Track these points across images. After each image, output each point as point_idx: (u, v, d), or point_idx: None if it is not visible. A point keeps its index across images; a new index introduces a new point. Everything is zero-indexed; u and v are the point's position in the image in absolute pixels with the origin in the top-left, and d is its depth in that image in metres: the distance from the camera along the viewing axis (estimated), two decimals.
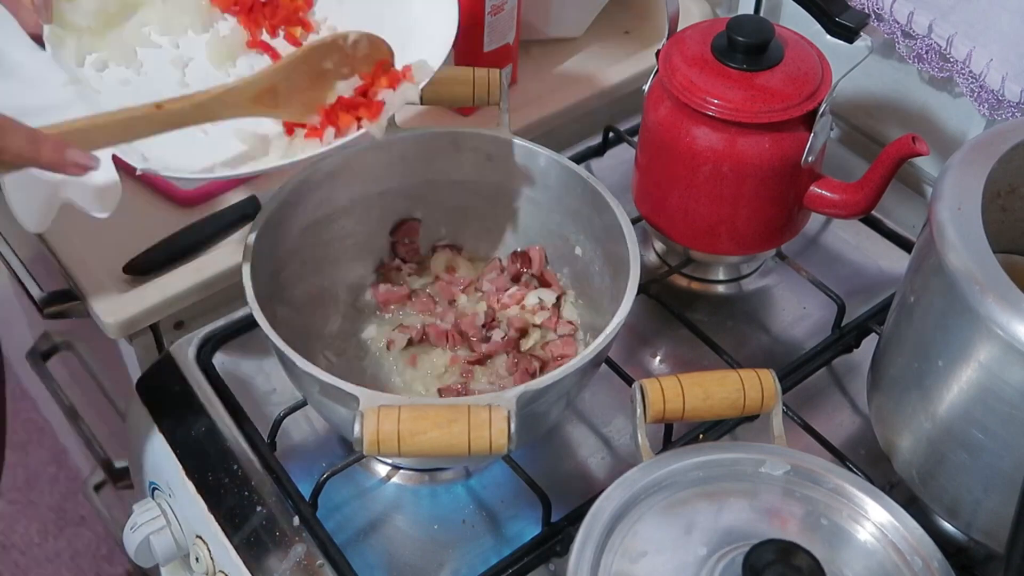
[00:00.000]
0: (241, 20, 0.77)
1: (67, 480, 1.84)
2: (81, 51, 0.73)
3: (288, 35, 0.78)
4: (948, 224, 0.64)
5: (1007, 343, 0.60)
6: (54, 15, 0.71)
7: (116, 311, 0.88)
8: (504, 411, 0.63)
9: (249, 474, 0.79)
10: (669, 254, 0.97)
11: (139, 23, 0.76)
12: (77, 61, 0.73)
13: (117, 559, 1.74)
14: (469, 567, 0.75)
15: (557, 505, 0.76)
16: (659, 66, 0.87)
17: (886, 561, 0.62)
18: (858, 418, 0.86)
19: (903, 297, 0.72)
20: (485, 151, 0.85)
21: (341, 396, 0.67)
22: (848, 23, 0.79)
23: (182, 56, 0.76)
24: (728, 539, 0.61)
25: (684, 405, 0.67)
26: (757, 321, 0.93)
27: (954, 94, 0.99)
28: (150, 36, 0.76)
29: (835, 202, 0.86)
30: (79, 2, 0.72)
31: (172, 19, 0.76)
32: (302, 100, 0.72)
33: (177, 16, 0.76)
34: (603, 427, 0.84)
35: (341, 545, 0.75)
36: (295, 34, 0.78)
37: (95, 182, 0.70)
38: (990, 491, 0.67)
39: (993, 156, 0.68)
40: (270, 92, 0.70)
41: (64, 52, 0.72)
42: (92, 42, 0.74)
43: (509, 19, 1.03)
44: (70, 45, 0.73)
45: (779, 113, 0.82)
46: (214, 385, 0.85)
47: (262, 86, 0.70)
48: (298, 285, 0.83)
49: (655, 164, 0.89)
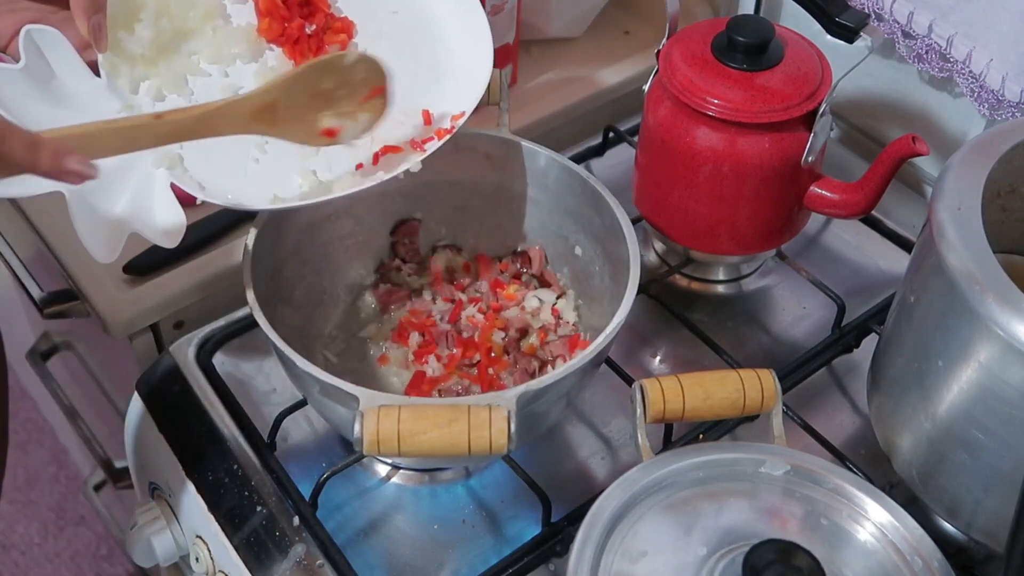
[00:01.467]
0: (286, 51, 0.79)
1: (67, 480, 1.84)
2: (135, 78, 0.75)
3: None
4: (948, 224, 0.64)
5: (1007, 343, 0.60)
6: (110, 43, 0.72)
7: (116, 311, 0.88)
8: (504, 411, 0.63)
9: (249, 474, 0.79)
10: (669, 254, 0.97)
11: (190, 52, 0.77)
12: (131, 88, 0.75)
13: (117, 559, 1.74)
14: (469, 567, 0.75)
15: (557, 505, 0.76)
16: (659, 66, 0.87)
17: (886, 561, 0.62)
18: (858, 418, 0.86)
19: (903, 297, 0.72)
20: (485, 151, 0.85)
21: (341, 396, 0.67)
22: (848, 23, 0.79)
23: (232, 84, 0.77)
24: (728, 539, 0.61)
25: (684, 405, 0.67)
26: (757, 321, 0.93)
27: (954, 94, 0.99)
28: (200, 65, 0.77)
29: (835, 202, 0.86)
30: (137, 32, 0.74)
31: (222, 49, 0.78)
32: (300, 120, 0.73)
33: (227, 46, 0.78)
34: (603, 427, 0.84)
35: (341, 545, 0.75)
36: None
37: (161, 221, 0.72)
38: (990, 491, 0.67)
39: (993, 156, 0.68)
40: (270, 109, 0.71)
41: (119, 80, 0.74)
42: (145, 70, 0.75)
43: (509, 19, 1.02)
44: (124, 73, 0.74)
45: (779, 113, 0.82)
46: (214, 385, 0.85)
47: (262, 101, 0.71)
48: (298, 285, 0.83)
49: (655, 164, 0.89)
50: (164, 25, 0.76)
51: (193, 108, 0.68)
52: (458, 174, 0.87)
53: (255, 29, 0.78)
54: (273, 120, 0.72)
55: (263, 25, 0.78)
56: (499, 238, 0.90)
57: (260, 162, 0.76)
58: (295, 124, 0.73)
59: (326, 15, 0.79)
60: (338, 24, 0.80)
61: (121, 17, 0.73)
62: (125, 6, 0.74)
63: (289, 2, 0.78)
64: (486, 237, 0.90)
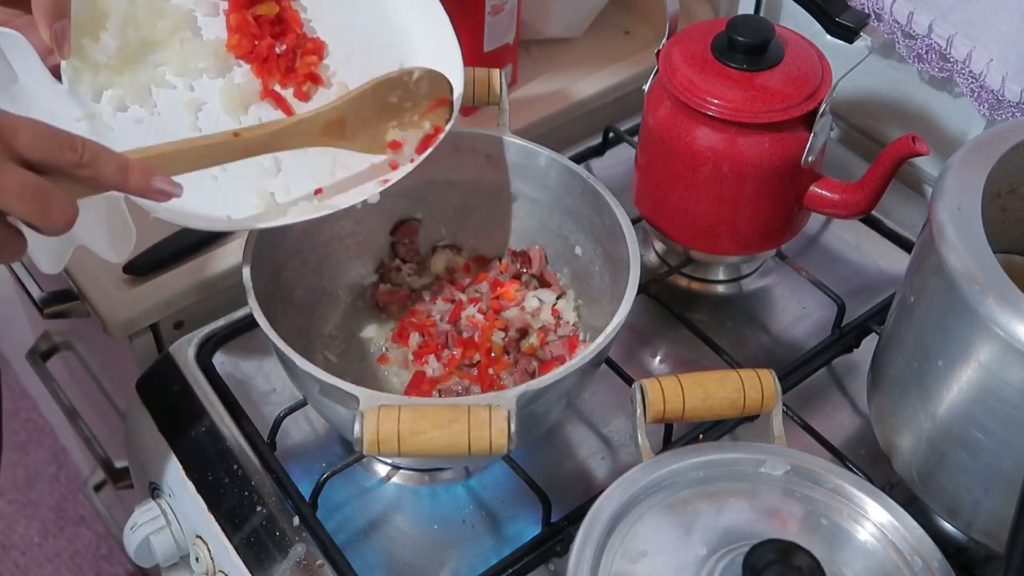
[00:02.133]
0: (255, 69, 0.78)
1: (67, 480, 1.84)
2: (97, 87, 0.74)
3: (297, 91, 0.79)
4: (948, 224, 0.64)
5: (1007, 343, 0.60)
6: (73, 50, 0.71)
7: (116, 311, 0.88)
8: (504, 411, 0.63)
9: (249, 474, 0.79)
10: (669, 254, 0.97)
11: (156, 63, 0.76)
12: (93, 97, 0.74)
13: (117, 559, 1.74)
14: (469, 567, 0.75)
15: (557, 505, 0.76)
16: (659, 66, 0.87)
17: (886, 561, 0.62)
18: (858, 418, 0.86)
19: (903, 297, 0.72)
20: (485, 151, 0.85)
21: (341, 396, 0.67)
22: (848, 23, 0.79)
23: (196, 99, 0.76)
24: (728, 539, 0.61)
25: (684, 405, 0.67)
26: (757, 321, 0.93)
27: (954, 94, 0.99)
28: (165, 77, 0.76)
29: (835, 202, 0.86)
30: (103, 40, 0.73)
31: (188, 62, 0.76)
32: (367, 133, 0.75)
33: (193, 59, 0.77)
34: (603, 427, 0.84)
35: (341, 545, 0.75)
36: (303, 89, 0.79)
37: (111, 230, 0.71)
38: (990, 491, 0.67)
39: (993, 156, 0.68)
40: (339, 123, 0.73)
41: (81, 87, 0.73)
42: (109, 79, 0.74)
43: (509, 19, 1.03)
44: (87, 80, 0.73)
45: (779, 113, 0.82)
46: (214, 385, 0.85)
47: (332, 117, 0.73)
48: (298, 285, 0.83)
49: (655, 164, 0.89)
50: (131, 34, 0.74)
51: (268, 125, 0.71)
52: (458, 174, 0.87)
53: (224, 44, 0.77)
54: (341, 133, 0.74)
55: (232, 41, 0.77)
56: (499, 238, 0.90)
57: (218, 180, 0.74)
58: (362, 136, 0.75)
59: (297, 35, 0.79)
60: (309, 45, 0.79)
61: (87, 24, 0.72)
62: (91, 13, 0.72)
63: (260, 20, 0.77)
64: (486, 237, 0.90)
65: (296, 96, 0.79)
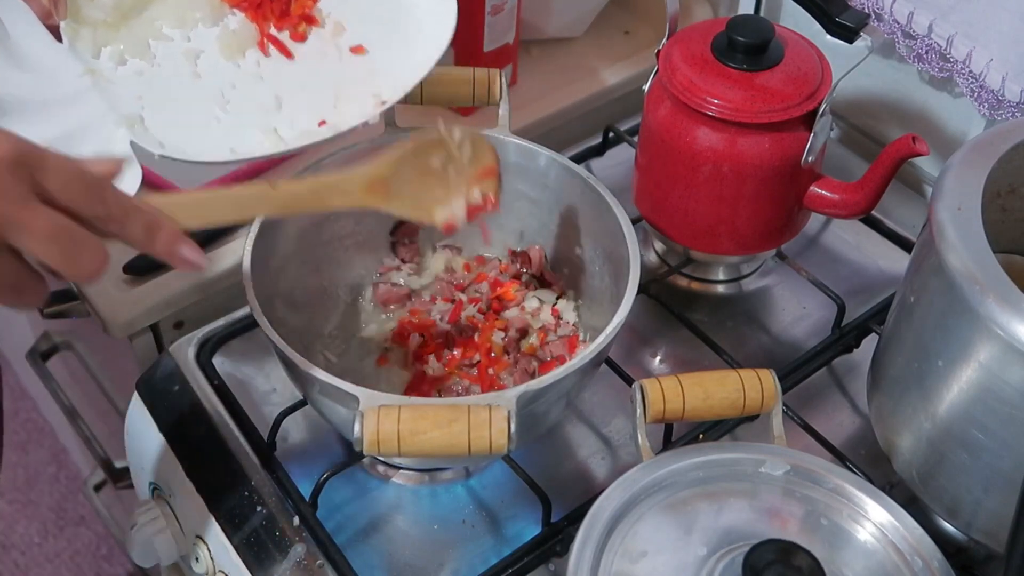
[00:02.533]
0: (249, 15, 0.79)
1: (67, 480, 1.84)
2: (97, 43, 0.76)
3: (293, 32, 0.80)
4: (948, 224, 0.64)
5: (1007, 343, 0.60)
6: (70, 10, 0.73)
7: (116, 311, 0.88)
8: (504, 411, 0.63)
9: (249, 474, 0.79)
10: (669, 254, 0.97)
11: (151, 17, 0.78)
12: (93, 53, 0.76)
13: (117, 559, 1.74)
14: (469, 567, 0.75)
15: (557, 505, 0.76)
16: (659, 66, 0.87)
17: (886, 561, 0.62)
18: (858, 418, 0.86)
19: (903, 297, 0.72)
20: None
21: (341, 396, 0.67)
22: (848, 23, 0.79)
23: (194, 48, 0.78)
24: (728, 539, 0.61)
25: (684, 405, 0.67)
26: (757, 321, 0.93)
27: (954, 94, 0.99)
28: (162, 29, 0.78)
29: (835, 202, 0.86)
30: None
31: (184, 13, 0.78)
32: (411, 196, 0.71)
33: (188, 11, 0.78)
34: (603, 427, 0.84)
35: (341, 545, 0.75)
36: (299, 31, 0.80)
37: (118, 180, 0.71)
38: (990, 491, 0.67)
39: (993, 156, 0.68)
40: (382, 184, 0.70)
41: (80, 44, 0.75)
42: (107, 35, 0.76)
43: (509, 19, 1.03)
44: (86, 37, 0.75)
45: (779, 113, 0.82)
46: (214, 385, 0.85)
47: (374, 177, 0.70)
48: (298, 285, 0.83)
49: (655, 164, 0.89)
50: None
51: (308, 180, 0.69)
52: None
53: None
54: (386, 195, 0.70)
55: None
56: (499, 238, 0.90)
57: (221, 121, 0.75)
58: (408, 199, 0.71)
59: None
60: None
61: None
62: None
63: None
64: None
65: (293, 38, 0.80)
